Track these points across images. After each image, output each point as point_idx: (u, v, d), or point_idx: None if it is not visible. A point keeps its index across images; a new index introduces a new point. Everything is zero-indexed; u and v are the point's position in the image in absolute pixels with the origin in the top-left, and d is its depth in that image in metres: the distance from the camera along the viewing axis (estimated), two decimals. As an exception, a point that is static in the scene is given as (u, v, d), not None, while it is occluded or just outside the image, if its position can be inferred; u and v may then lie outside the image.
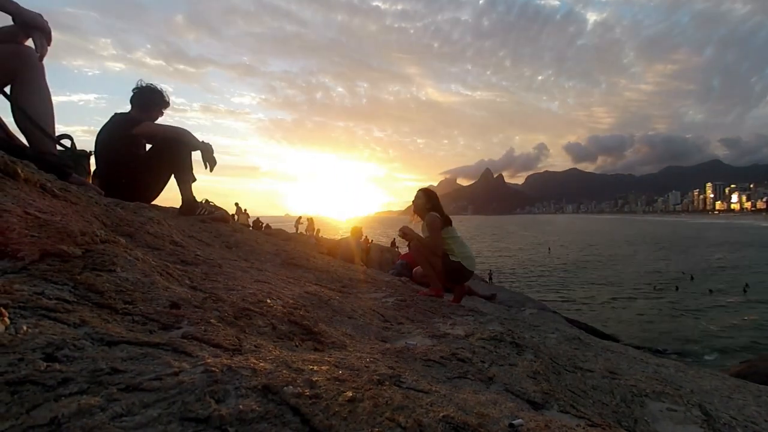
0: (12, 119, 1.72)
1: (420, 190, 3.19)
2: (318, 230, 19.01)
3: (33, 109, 1.70)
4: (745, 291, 18.78)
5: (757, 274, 23.23)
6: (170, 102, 2.84)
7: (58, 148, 1.90)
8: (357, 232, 8.64)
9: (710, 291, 19.35)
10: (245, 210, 21.12)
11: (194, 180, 2.81)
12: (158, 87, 2.77)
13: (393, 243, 13.71)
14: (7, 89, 1.68)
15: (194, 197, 2.81)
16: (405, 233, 3.04)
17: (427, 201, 3.08)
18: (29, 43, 1.68)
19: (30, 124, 1.69)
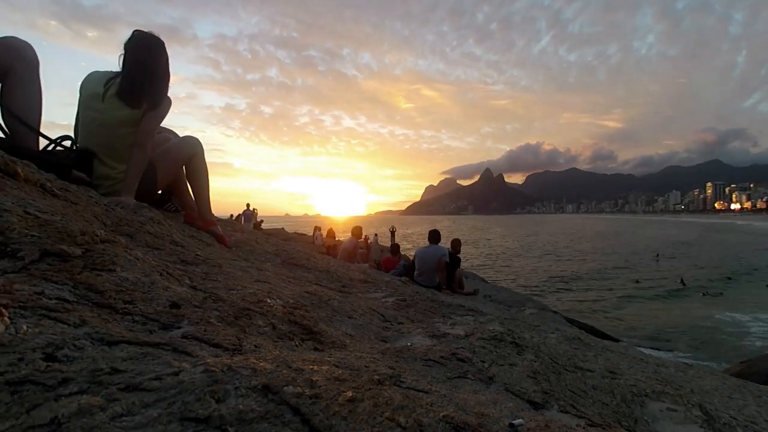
0: None
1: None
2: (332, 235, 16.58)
3: (22, 107, 1.64)
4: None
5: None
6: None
7: (58, 148, 1.89)
8: (357, 230, 8.63)
9: (728, 278, 19.07)
10: (260, 220, 18.40)
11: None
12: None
13: (392, 237, 13.64)
14: None
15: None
16: None
17: None
18: None
19: (17, 123, 1.63)
